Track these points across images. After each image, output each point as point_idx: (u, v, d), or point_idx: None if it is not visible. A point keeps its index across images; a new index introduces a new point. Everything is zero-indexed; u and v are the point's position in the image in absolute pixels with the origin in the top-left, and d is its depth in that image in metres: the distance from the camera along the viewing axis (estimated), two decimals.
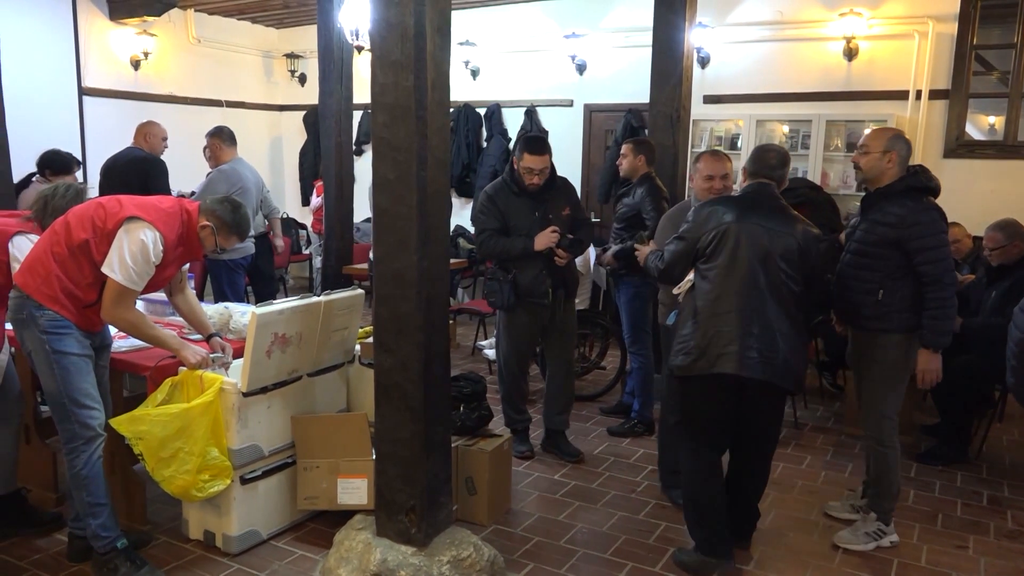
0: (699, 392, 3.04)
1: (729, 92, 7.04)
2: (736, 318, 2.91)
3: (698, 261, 3.03)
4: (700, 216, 3.05)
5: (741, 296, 2.93)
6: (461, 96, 8.13)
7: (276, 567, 3.09)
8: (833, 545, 3.33)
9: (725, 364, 2.90)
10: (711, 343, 2.92)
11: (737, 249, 2.93)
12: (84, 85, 7.49)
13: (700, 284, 3.01)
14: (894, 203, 3.10)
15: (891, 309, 3.12)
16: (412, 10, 2.51)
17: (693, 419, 3.12)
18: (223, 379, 3.10)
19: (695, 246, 3.01)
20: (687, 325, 3.02)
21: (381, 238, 2.70)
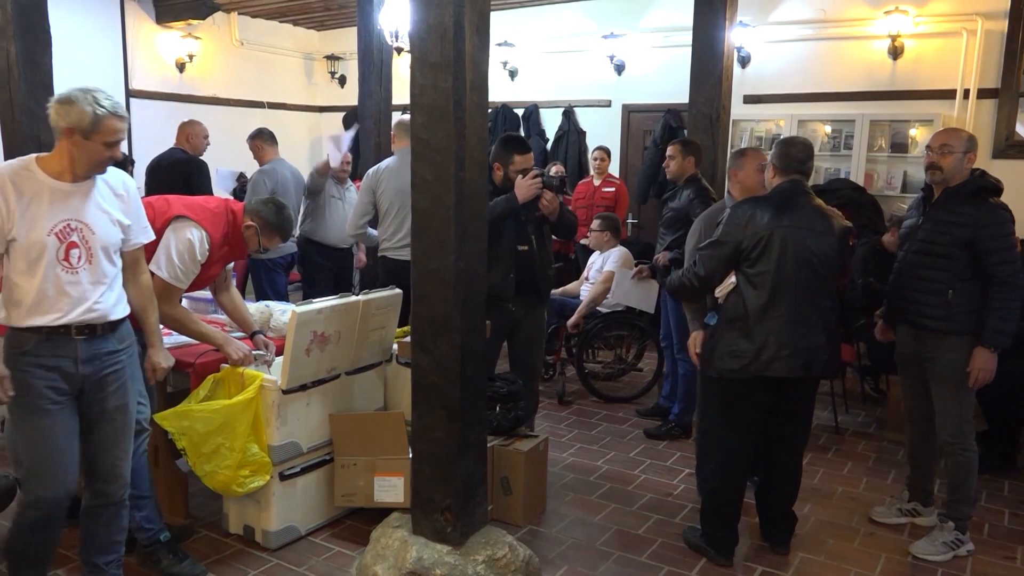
0: (743, 392, 3.03)
1: (770, 92, 6.95)
2: (786, 322, 2.93)
3: (743, 265, 3.00)
4: (738, 218, 3.01)
5: (790, 299, 2.94)
6: (499, 97, 8.14)
7: (314, 563, 3.13)
8: (872, 551, 3.27)
9: (779, 367, 2.93)
10: (763, 347, 2.93)
11: (784, 253, 2.92)
12: (131, 87, 7.67)
13: (746, 289, 2.98)
14: (966, 204, 3.08)
15: (959, 310, 3.09)
16: (451, 11, 2.52)
17: (732, 417, 3.10)
18: (264, 376, 3.14)
19: (737, 249, 2.98)
20: (734, 329, 3.00)
21: (419, 238, 2.72)
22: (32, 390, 2.41)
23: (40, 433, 2.44)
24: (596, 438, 4.59)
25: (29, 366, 2.40)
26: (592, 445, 4.47)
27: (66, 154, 2.38)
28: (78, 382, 2.49)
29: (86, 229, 2.43)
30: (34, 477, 2.46)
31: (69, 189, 2.41)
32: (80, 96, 2.34)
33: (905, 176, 6.44)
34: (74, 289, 2.42)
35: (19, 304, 2.38)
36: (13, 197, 2.32)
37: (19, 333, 2.40)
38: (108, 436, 2.58)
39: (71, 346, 2.44)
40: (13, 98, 3.89)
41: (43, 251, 2.35)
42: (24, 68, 3.87)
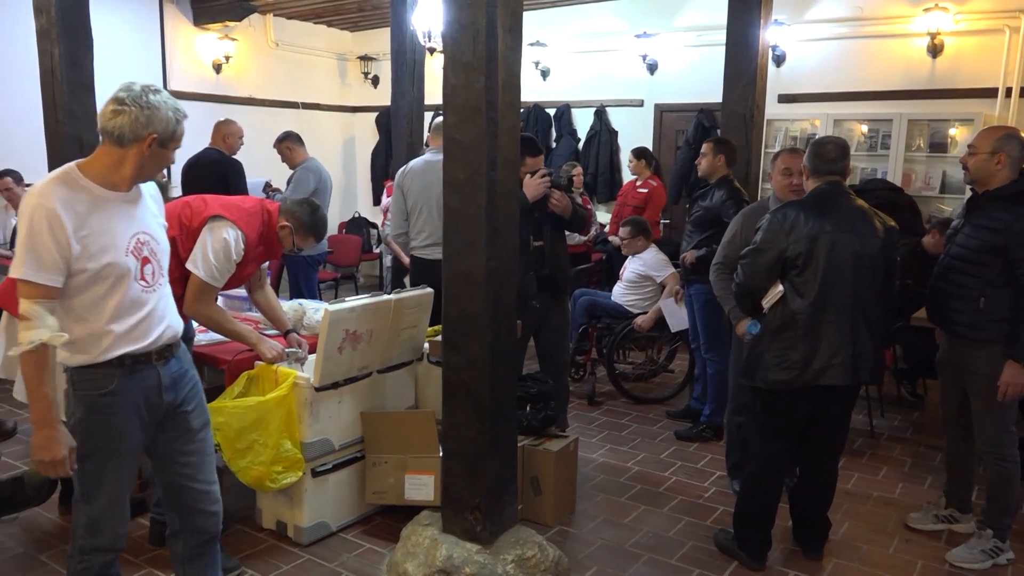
0: (789, 401, 2.99)
1: (805, 91, 6.86)
2: (836, 329, 2.88)
3: (789, 273, 2.92)
4: (779, 225, 2.93)
5: (840, 306, 2.88)
6: (531, 97, 8.14)
7: (345, 559, 3.16)
8: (907, 557, 3.22)
9: (832, 376, 2.89)
10: (814, 357, 2.88)
11: (830, 258, 2.85)
12: (169, 88, 7.78)
13: (793, 297, 2.91)
14: (1002, 207, 2.98)
15: (992, 318, 3.01)
16: (484, 11, 2.52)
17: (773, 425, 3.06)
18: (297, 374, 3.18)
19: (780, 257, 2.91)
20: (782, 339, 2.93)
21: (450, 238, 2.73)
22: (119, 435, 2.19)
23: (116, 479, 2.23)
24: (626, 439, 4.57)
25: (116, 408, 2.16)
26: (622, 446, 4.45)
27: (133, 162, 2.10)
28: (162, 412, 2.28)
29: (152, 241, 2.23)
30: (108, 520, 2.24)
31: (128, 199, 2.17)
32: (159, 102, 2.10)
33: (944, 176, 6.32)
34: (152, 310, 2.21)
35: (93, 337, 2.11)
36: (70, 226, 2.00)
37: (96, 371, 2.13)
38: (197, 461, 2.38)
39: (153, 374, 2.23)
40: (56, 99, 3.98)
41: (123, 273, 2.11)
42: (67, 70, 3.96)
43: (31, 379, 2.01)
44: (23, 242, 1.98)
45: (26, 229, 1.98)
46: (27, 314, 1.98)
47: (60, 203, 2.00)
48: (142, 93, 2.08)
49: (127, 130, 2.05)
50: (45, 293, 2.00)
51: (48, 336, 1.98)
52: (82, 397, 2.13)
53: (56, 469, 2.05)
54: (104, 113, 2.07)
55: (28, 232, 1.98)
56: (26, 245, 1.98)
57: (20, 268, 1.99)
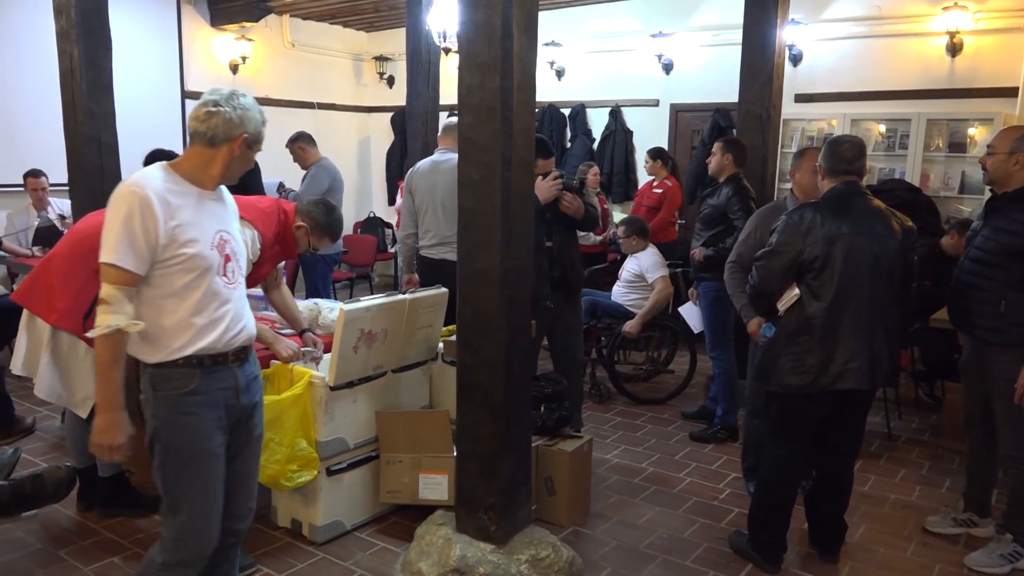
0: (804, 405, 2.96)
1: (822, 90, 6.81)
2: (853, 332, 2.84)
3: (806, 276, 2.88)
4: (795, 226, 2.89)
5: (856, 310, 2.84)
6: (546, 97, 8.14)
7: (359, 558, 3.17)
8: (924, 561, 3.19)
9: (848, 380, 2.85)
10: (831, 361, 2.85)
11: (848, 261, 2.81)
12: (186, 88, 7.85)
13: (809, 300, 2.87)
14: (1020, 209, 2.95)
15: (1013, 321, 2.97)
16: (500, 11, 2.53)
17: (787, 428, 3.03)
18: (312, 373, 3.19)
19: (796, 259, 2.87)
20: (798, 343, 2.89)
21: (465, 238, 2.74)
22: (202, 434, 2.17)
23: (208, 484, 2.20)
24: (641, 440, 4.56)
25: (197, 407, 2.15)
26: (637, 447, 4.44)
27: (221, 162, 2.17)
28: (236, 416, 2.28)
29: (233, 240, 2.26)
30: (196, 533, 2.20)
31: (214, 198, 2.23)
32: (250, 104, 2.19)
33: (963, 177, 6.25)
34: (232, 308, 2.22)
35: (175, 329, 2.11)
36: (161, 215, 2.04)
37: (176, 370, 2.13)
38: (248, 467, 2.39)
39: (230, 376, 2.23)
40: (76, 100, 4.03)
41: (208, 267, 2.13)
42: (86, 71, 4.00)
43: (103, 362, 2.05)
44: (114, 228, 2.02)
45: (119, 216, 2.02)
46: (107, 298, 2.02)
47: (154, 193, 2.05)
48: (232, 96, 2.16)
49: (220, 130, 2.12)
50: (128, 279, 2.04)
51: (125, 322, 2.02)
52: (163, 397, 2.13)
53: (114, 454, 2.09)
54: (196, 116, 2.14)
55: (121, 218, 2.02)
56: (117, 231, 2.02)
57: (110, 253, 2.02)
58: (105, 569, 3.03)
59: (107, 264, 2.03)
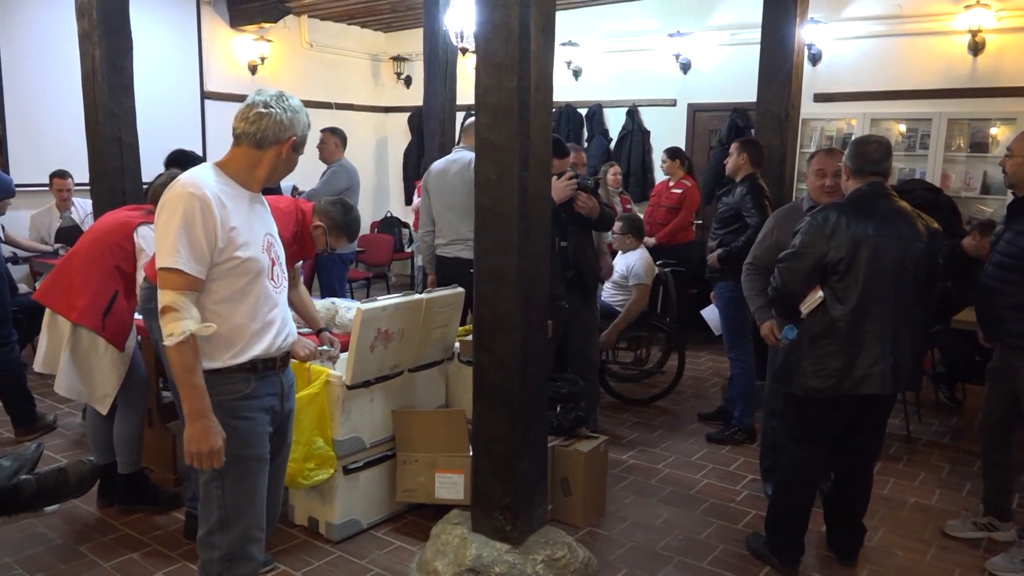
0: (825, 409, 2.92)
1: (841, 90, 6.76)
2: (878, 337, 2.79)
3: (830, 278, 2.84)
4: (819, 228, 2.84)
5: (881, 313, 2.80)
6: (563, 97, 8.12)
7: (375, 556, 3.18)
8: (945, 566, 3.15)
9: (871, 385, 2.81)
10: (854, 365, 2.80)
11: (873, 263, 2.77)
12: (206, 89, 7.91)
13: (833, 303, 2.83)
14: None
15: None
16: (517, 11, 2.53)
17: (806, 431, 3.00)
18: (329, 372, 3.21)
19: (820, 261, 2.83)
20: (820, 346, 2.85)
21: (482, 238, 2.74)
22: (257, 439, 2.14)
23: (259, 490, 2.16)
24: (657, 440, 4.54)
25: (253, 411, 2.13)
26: (653, 448, 4.43)
27: (268, 164, 2.12)
28: (278, 421, 2.26)
29: (276, 243, 2.24)
30: (250, 540, 2.15)
31: (259, 200, 2.20)
32: (298, 106, 2.14)
33: (985, 177, 6.18)
34: (280, 311, 2.20)
35: (231, 335, 2.07)
36: (219, 217, 1.99)
37: (232, 375, 2.09)
38: (278, 472, 2.36)
39: (276, 381, 2.21)
40: (97, 100, 4.07)
41: (261, 269, 2.10)
42: (107, 71, 4.04)
43: (181, 371, 1.97)
44: (172, 230, 1.95)
45: (176, 218, 1.95)
46: (174, 304, 1.95)
47: (212, 193, 1.99)
48: (281, 97, 2.11)
49: (270, 132, 2.07)
50: (191, 284, 1.98)
51: (196, 327, 1.96)
52: (220, 402, 2.06)
53: (212, 460, 2.01)
54: (246, 117, 2.08)
55: (179, 220, 1.95)
56: (175, 233, 1.94)
57: (171, 257, 1.94)
58: (125, 565, 3.07)
59: (168, 269, 1.95)
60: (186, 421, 1.99)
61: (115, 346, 3.28)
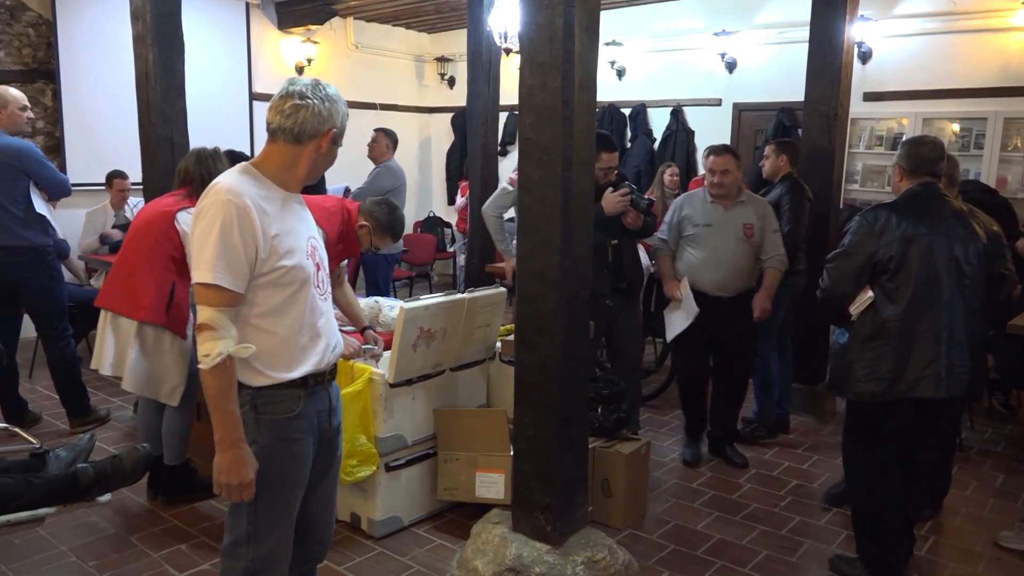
0: (882, 414, 2.84)
1: (892, 88, 6.61)
2: (931, 338, 2.72)
3: (880, 278, 2.78)
4: (868, 227, 2.79)
5: (935, 314, 2.72)
6: (606, 96, 8.09)
7: (416, 553, 3.20)
8: None
9: (924, 388, 2.72)
10: (908, 366, 2.73)
11: (925, 263, 2.71)
12: (254, 90, 8.05)
13: (884, 304, 2.76)
14: None
15: None
16: (561, 11, 2.52)
17: (870, 438, 2.91)
18: (372, 370, 3.24)
19: (869, 261, 2.77)
20: (871, 348, 2.79)
21: (525, 237, 2.74)
22: (301, 463, 2.02)
23: (293, 512, 2.06)
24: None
25: (299, 433, 1.99)
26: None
27: (307, 161, 1.96)
28: (326, 437, 2.12)
29: (320, 246, 2.09)
30: (277, 557, 2.04)
31: (299, 201, 2.05)
32: (336, 95, 1.97)
33: None
34: (328, 319, 2.07)
35: (280, 351, 1.94)
36: (260, 226, 1.84)
37: (284, 392, 1.95)
38: (330, 490, 2.25)
39: (325, 396, 2.09)
40: (150, 102, 4.17)
41: (306, 277, 1.95)
42: (160, 73, 4.14)
43: (214, 396, 1.84)
44: (209, 242, 1.81)
45: (213, 228, 1.80)
46: (211, 323, 1.81)
47: (251, 201, 1.84)
48: (317, 86, 1.94)
49: (308, 125, 1.91)
50: (230, 300, 1.83)
51: (234, 348, 1.83)
52: (269, 422, 1.94)
53: (242, 493, 1.88)
54: (281, 110, 1.92)
55: (217, 231, 1.80)
56: (213, 245, 1.80)
57: (209, 272, 1.80)
58: (173, 556, 3.14)
59: (204, 285, 1.81)
60: (217, 449, 1.87)
61: (180, 336, 3.37)
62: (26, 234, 4.13)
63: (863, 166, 6.83)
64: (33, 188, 4.18)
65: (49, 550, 3.16)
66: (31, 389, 5.02)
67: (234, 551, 2.01)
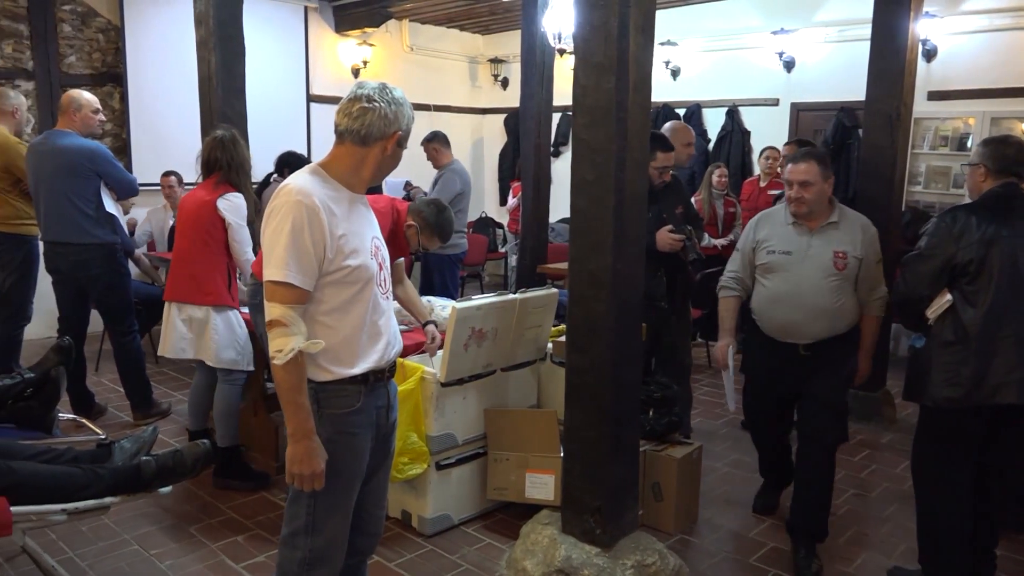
0: (960, 421, 2.73)
1: (958, 87, 6.41)
2: (1015, 343, 2.60)
3: (960, 281, 2.67)
4: (947, 229, 2.68)
5: (1017, 318, 2.61)
6: (660, 96, 8.01)
7: (465, 552, 3.22)
8: None
9: (1007, 394, 2.61)
10: (990, 372, 2.61)
11: (1008, 267, 2.59)
12: (311, 92, 8.21)
13: (964, 308, 2.65)
14: None
15: None
16: (616, 12, 2.51)
17: (945, 447, 2.79)
18: (424, 368, 3.27)
19: (948, 263, 2.67)
20: (949, 352, 2.68)
21: (577, 239, 2.74)
22: (360, 456, 2.09)
23: (351, 506, 2.12)
24: (752, 449, 4.40)
25: (359, 427, 2.06)
26: (748, 456, 4.29)
27: (373, 162, 2.02)
28: (383, 433, 2.18)
29: (382, 246, 2.15)
30: (333, 554, 2.11)
31: (364, 203, 2.11)
32: (402, 98, 2.03)
33: None
34: (388, 320, 2.13)
35: (344, 347, 2.00)
36: (328, 225, 1.91)
37: (346, 387, 2.02)
38: (382, 485, 2.30)
39: (384, 393, 2.15)
40: (212, 104, 4.28)
41: (370, 277, 2.01)
42: (222, 76, 4.24)
43: (287, 390, 1.90)
44: (280, 242, 1.88)
45: (285, 228, 1.87)
46: (283, 319, 1.88)
47: (320, 201, 1.90)
48: (384, 89, 2.00)
49: (375, 128, 1.96)
50: (300, 297, 1.91)
51: (304, 344, 1.90)
52: (330, 416, 2.01)
53: (314, 482, 1.95)
54: (348, 112, 1.98)
55: (288, 231, 1.87)
56: (284, 245, 1.87)
57: (280, 270, 1.87)
58: (229, 547, 3.22)
59: (275, 282, 1.89)
60: (289, 441, 1.94)
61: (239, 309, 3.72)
62: (97, 232, 4.29)
63: (927, 167, 6.64)
64: (103, 188, 4.33)
65: (113, 538, 3.27)
66: (97, 382, 5.20)
67: (292, 541, 2.07)
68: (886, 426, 4.72)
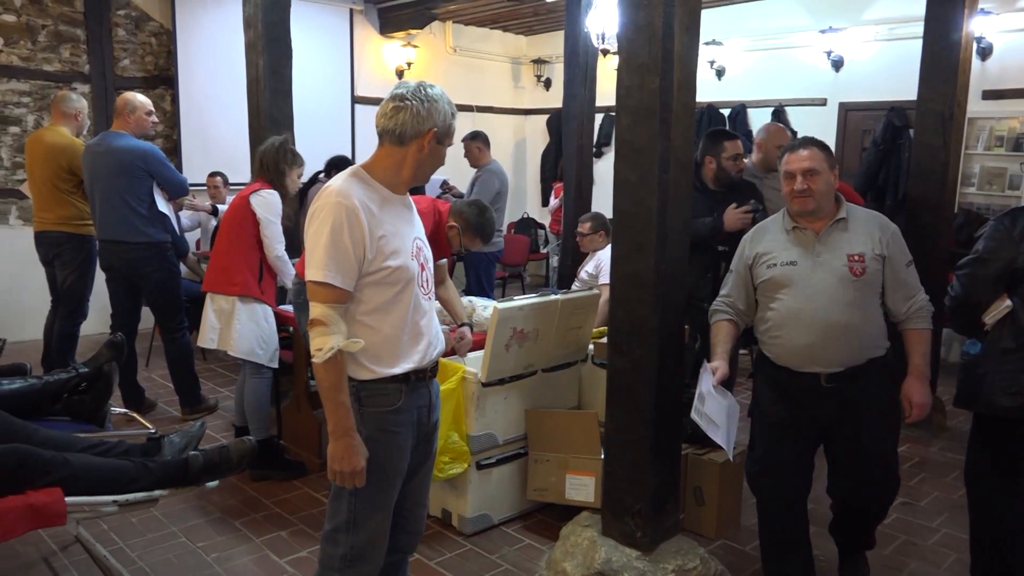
0: (1019, 431, 2.60)
1: (1014, 86, 6.22)
2: None
3: (1020, 285, 2.54)
4: (1006, 231, 2.56)
5: None
6: (705, 97, 7.92)
7: (505, 552, 3.23)
8: None
9: None
10: None
11: None
12: (356, 94, 8.30)
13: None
14: None
15: None
16: (661, 11, 2.49)
17: (1003, 458, 2.68)
18: (465, 368, 3.29)
19: (1007, 267, 2.54)
20: (1009, 360, 2.56)
21: (620, 239, 2.72)
22: (401, 453, 2.11)
23: (391, 503, 2.15)
24: None
25: (400, 426, 2.08)
26: None
27: (412, 161, 2.04)
28: (424, 432, 2.20)
29: (425, 247, 2.17)
30: (373, 551, 2.13)
31: (406, 203, 2.12)
32: (437, 95, 2.03)
33: None
34: (430, 320, 2.15)
35: (384, 347, 2.02)
36: (367, 226, 1.94)
37: (387, 386, 2.04)
38: (424, 483, 2.32)
39: (426, 392, 2.16)
40: (260, 105, 4.35)
41: (411, 278, 2.03)
42: (269, 78, 4.32)
43: (328, 388, 1.93)
44: (321, 242, 1.91)
45: (326, 229, 1.91)
46: (323, 318, 1.92)
47: (359, 202, 1.94)
48: (419, 87, 2.02)
49: (409, 126, 1.99)
50: (340, 297, 1.94)
51: (344, 343, 1.93)
52: (371, 414, 2.04)
53: (355, 480, 1.98)
54: (384, 113, 2.01)
55: (328, 232, 1.91)
56: (325, 245, 1.91)
57: (321, 271, 1.91)
58: (273, 542, 3.27)
59: (316, 282, 1.92)
60: (330, 438, 1.96)
61: (272, 306, 3.79)
62: (149, 231, 4.40)
63: (981, 168, 6.46)
64: (155, 188, 4.44)
65: (162, 530, 3.35)
66: (147, 377, 5.33)
67: (334, 537, 2.10)
68: (936, 434, 4.61)
